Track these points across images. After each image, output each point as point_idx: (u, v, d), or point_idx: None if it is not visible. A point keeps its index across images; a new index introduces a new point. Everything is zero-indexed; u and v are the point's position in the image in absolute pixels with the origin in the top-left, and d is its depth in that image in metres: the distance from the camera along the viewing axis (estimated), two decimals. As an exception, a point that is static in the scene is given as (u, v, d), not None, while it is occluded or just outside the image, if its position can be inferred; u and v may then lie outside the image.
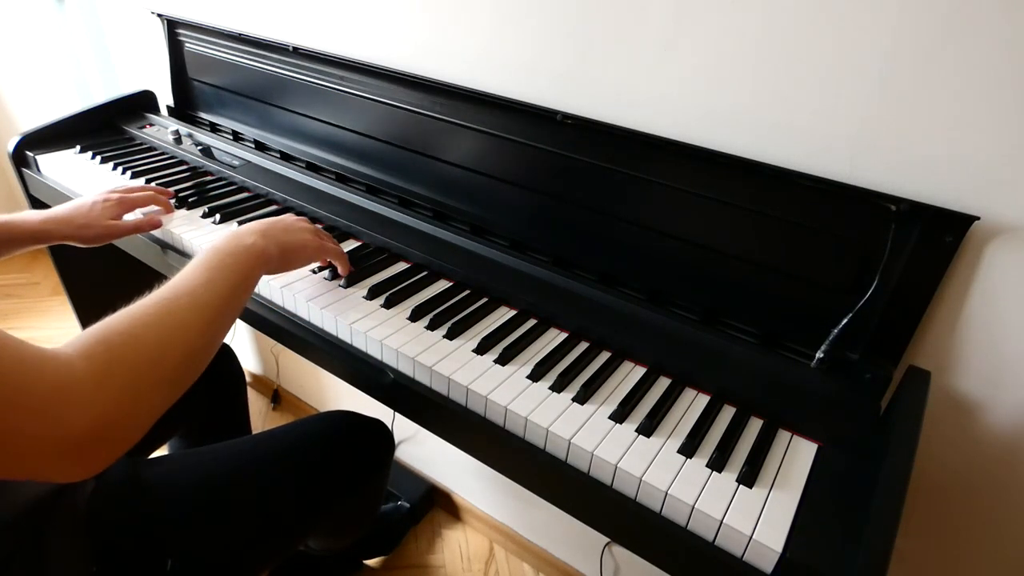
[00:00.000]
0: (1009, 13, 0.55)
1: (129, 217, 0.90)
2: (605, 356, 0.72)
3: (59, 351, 0.46)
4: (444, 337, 0.72)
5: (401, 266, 0.86)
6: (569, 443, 0.59)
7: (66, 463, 0.44)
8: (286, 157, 1.13)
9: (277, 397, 1.72)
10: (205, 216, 0.95)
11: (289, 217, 0.76)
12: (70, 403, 0.43)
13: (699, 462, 0.58)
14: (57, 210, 0.86)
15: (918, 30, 0.59)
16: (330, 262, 0.82)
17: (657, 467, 0.57)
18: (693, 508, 0.54)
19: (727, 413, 0.65)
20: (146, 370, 0.49)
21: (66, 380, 0.44)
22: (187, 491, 0.75)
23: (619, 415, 0.63)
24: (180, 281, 0.58)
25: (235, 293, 0.61)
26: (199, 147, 1.16)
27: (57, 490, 0.63)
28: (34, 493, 0.61)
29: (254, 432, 1.19)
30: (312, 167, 1.09)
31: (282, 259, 0.70)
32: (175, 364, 0.52)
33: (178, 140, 1.17)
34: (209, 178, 1.08)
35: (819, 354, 0.67)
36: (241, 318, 0.83)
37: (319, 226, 0.89)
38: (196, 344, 0.54)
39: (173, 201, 0.97)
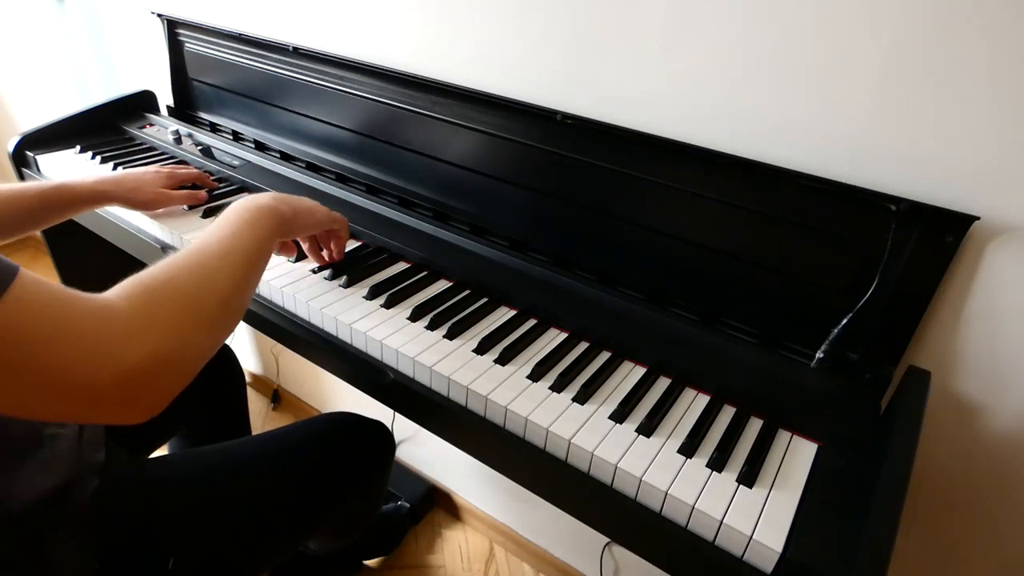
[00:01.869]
0: (1009, 12, 0.55)
1: None
2: (605, 356, 0.72)
3: (103, 295, 0.48)
4: (444, 337, 0.72)
5: (401, 266, 0.86)
6: (569, 443, 0.59)
7: (126, 399, 0.46)
8: (286, 157, 1.13)
9: (277, 397, 1.72)
10: (205, 216, 0.95)
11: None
12: (117, 339, 0.45)
13: (699, 462, 0.58)
14: (110, 173, 0.92)
15: (917, 30, 0.59)
16: (328, 263, 0.83)
17: (657, 467, 0.57)
18: (693, 508, 0.54)
19: (727, 413, 0.65)
20: (185, 311, 0.51)
21: (109, 317, 0.46)
22: (189, 491, 0.75)
23: (619, 415, 0.63)
24: (207, 236, 0.60)
25: (256, 248, 0.63)
26: (199, 147, 1.16)
27: (61, 487, 0.63)
28: (38, 491, 0.61)
29: (254, 432, 1.20)
30: (312, 167, 1.09)
31: (295, 221, 0.72)
32: (211, 308, 0.54)
33: (178, 140, 1.17)
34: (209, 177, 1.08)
35: (819, 354, 0.67)
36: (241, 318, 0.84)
37: None
38: (228, 291, 0.57)
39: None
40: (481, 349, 0.70)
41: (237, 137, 1.21)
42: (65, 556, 0.63)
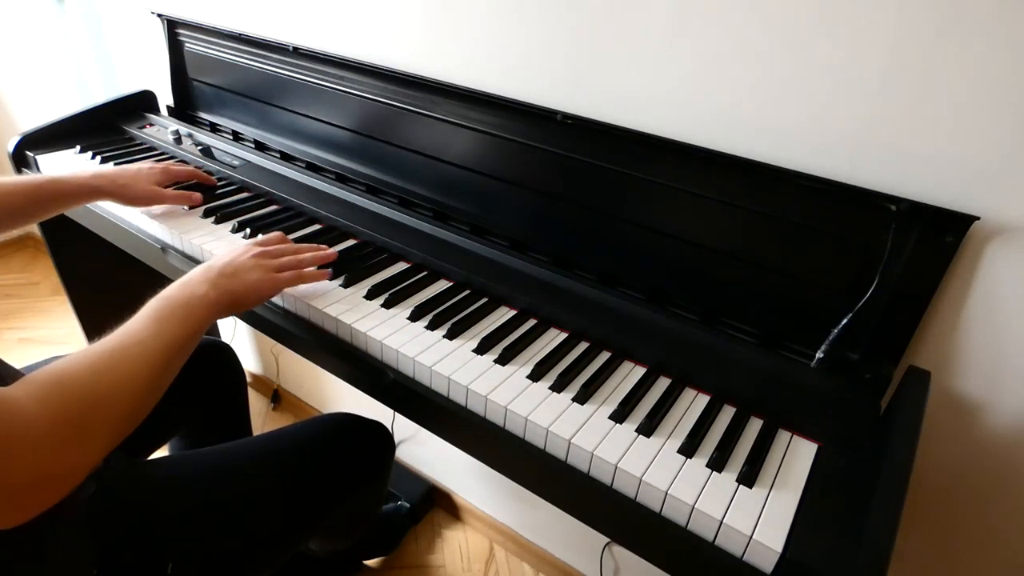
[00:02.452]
0: (1009, 13, 0.55)
1: None
2: (605, 356, 0.72)
3: (14, 395, 0.45)
4: (444, 337, 0.72)
5: (401, 266, 0.86)
6: (569, 443, 0.59)
7: (3, 511, 0.44)
8: (286, 157, 1.13)
9: (277, 397, 1.72)
10: (205, 216, 0.95)
11: (241, 255, 0.72)
12: (19, 451, 0.43)
13: (699, 462, 0.58)
14: (104, 168, 0.92)
15: (917, 30, 0.59)
16: (328, 264, 0.83)
17: (657, 467, 0.57)
18: (693, 508, 0.54)
19: (727, 413, 0.65)
20: (94, 419, 0.49)
21: (18, 428, 0.44)
22: (188, 493, 0.75)
23: (619, 415, 0.63)
24: (132, 330, 0.58)
25: (184, 343, 0.62)
26: (199, 147, 1.16)
27: None
28: None
29: (254, 432, 1.20)
30: (312, 167, 1.09)
31: (232, 304, 0.69)
32: (121, 413, 0.53)
33: (178, 140, 1.17)
34: (209, 178, 1.08)
35: (819, 354, 0.67)
36: (241, 318, 0.84)
37: (296, 237, 0.88)
38: (143, 393, 0.56)
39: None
40: (481, 349, 0.70)
41: (237, 137, 1.21)
42: (63, 560, 0.62)
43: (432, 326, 0.73)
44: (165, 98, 1.32)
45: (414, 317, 0.75)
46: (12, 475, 0.43)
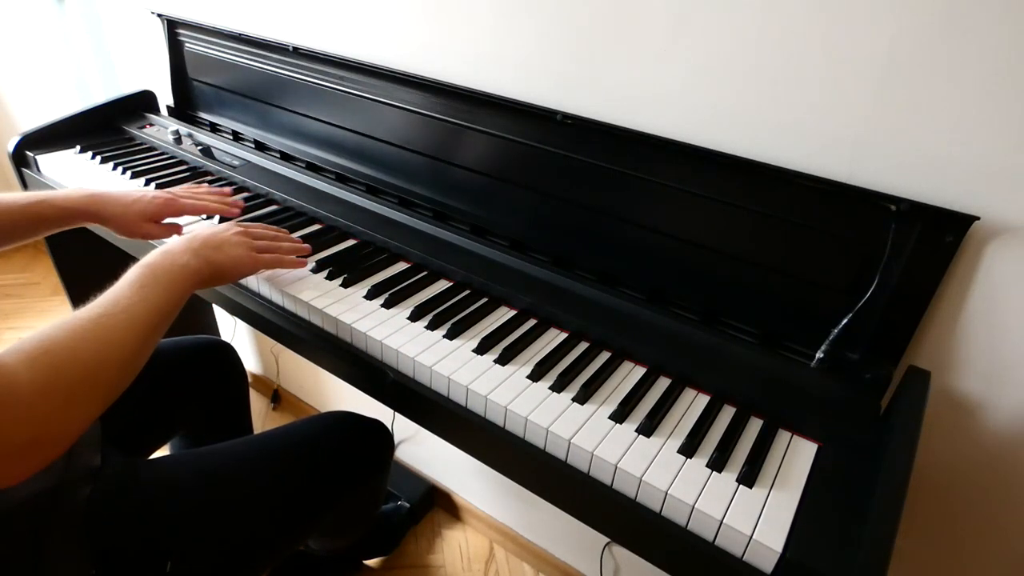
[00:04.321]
0: (1008, 13, 0.55)
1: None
2: (605, 356, 0.72)
3: (4, 360, 0.47)
4: (444, 337, 0.72)
5: (401, 266, 0.86)
6: (569, 443, 0.59)
7: None
8: (286, 157, 1.13)
9: (277, 397, 1.72)
10: (205, 217, 0.95)
11: (224, 231, 0.74)
12: (11, 414, 0.45)
13: (699, 462, 0.58)
14: (103, 195, 0.83)
15: (917, 30, 0.59)
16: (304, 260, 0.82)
17: (657, 467, 0.57)
18: (693, 508, 0.54)
19: (727, 413, 0.65)
20: (83, 384, 0.51)
21: (9, 391, 0.45)
22: (186, 491, 0.75)
23: (619, 415, 0.63)
24: (116, 296, 0.59)
25: (167, 310, 0.63)
26: (199, 147, 1.16)
27: (54, 489, 0.63)
28: (30, 493, 0.61)
29: (255, 432, 1.20)
30: (312, 167, 1.09)
31: (213, 277, 0.70)
32: (109, 378, 0.54)
33: (178, 140, 1.17)
34: (209, 178, 1.08)
35: (819, 354, 0.67)
36: (241, 318, 0.84)
37: (296, 229, 0.89)
38: (129, 359, 0.56)
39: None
40: (481, 349, 0.70)
41: (237, 137, 1.21)
42: (61, 559, 0.63)
43: (432, 326, 0.73)
44: (165, 98, 1.32)
45: (414, 317, 0.75)
46: (5, 437, 0.45)
